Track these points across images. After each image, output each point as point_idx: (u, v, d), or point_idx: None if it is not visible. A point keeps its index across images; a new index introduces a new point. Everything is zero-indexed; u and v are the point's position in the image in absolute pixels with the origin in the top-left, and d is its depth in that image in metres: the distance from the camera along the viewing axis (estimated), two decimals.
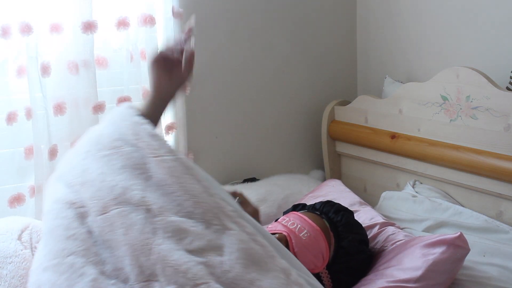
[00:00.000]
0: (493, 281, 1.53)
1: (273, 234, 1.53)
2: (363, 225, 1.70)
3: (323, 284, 1.52)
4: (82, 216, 1.19)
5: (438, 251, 1.46)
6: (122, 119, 1.32)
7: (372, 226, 1.77)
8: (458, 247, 1.47)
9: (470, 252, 1.52)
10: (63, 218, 1.19)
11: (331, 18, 2.50)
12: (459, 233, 1.48)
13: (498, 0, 1.93)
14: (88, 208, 1.19)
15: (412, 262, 1.47)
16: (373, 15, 2.45)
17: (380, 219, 1.83)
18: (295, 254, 1.48)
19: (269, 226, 1.62)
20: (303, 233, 1.54)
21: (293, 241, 1.52)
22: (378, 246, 1.71)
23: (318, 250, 1.54)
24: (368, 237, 1.70)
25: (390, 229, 1.76)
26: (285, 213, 1.72)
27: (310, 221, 1.58)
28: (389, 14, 2.36)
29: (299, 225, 1.56)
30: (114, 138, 1.27)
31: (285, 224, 1.58)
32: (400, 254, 1.54)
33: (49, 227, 1.21)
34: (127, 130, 1.28)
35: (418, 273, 1.44)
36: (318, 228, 1.57)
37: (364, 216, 1.80)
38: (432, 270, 1.44)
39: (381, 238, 1.74)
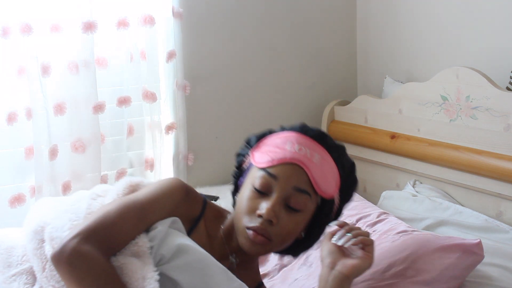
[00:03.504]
0: (493, 281, 1.52)
1: (283, 163, 1.30)
2: (358, 215, 1.68)
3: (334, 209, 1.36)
4: None
5: (454, 256, 1.42)
6: None
7: (368, 215, 1.76)
8: (474, 254, 1.43)
9: None
10: None
11: (331, 18, 2.50)
12: (478, 240, 1.45)
13: (498, 0, 1.94)
14: None
15: (426, 264, 1.43)
16: (373, 15, 2.45)
17: (376, 208, 1.82)
18: (315, 181, 1.30)
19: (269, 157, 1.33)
20: (315, 158, 1.33)
21: (310, 170, 1.30)
22: (380, 230, 1.67)
23: (334, 171, 1.37)
24: (367, 223, 1.69)
25: (391, 218, 1.73)
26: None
27: (318, 144, 1.36)
28: (389, 14, 2.36)
29: (308, 150, 1.34)
30: None
31: (293, 150, 1.32)
32: (414, 255, 1.46)
33: None
34: None
35: (431, 275, 1.40)
36: (326, 151, 1.37)
37: (360, 206, 1.79)
38: (445, 275, 1.41)
39: (383, 227, 1.69)
